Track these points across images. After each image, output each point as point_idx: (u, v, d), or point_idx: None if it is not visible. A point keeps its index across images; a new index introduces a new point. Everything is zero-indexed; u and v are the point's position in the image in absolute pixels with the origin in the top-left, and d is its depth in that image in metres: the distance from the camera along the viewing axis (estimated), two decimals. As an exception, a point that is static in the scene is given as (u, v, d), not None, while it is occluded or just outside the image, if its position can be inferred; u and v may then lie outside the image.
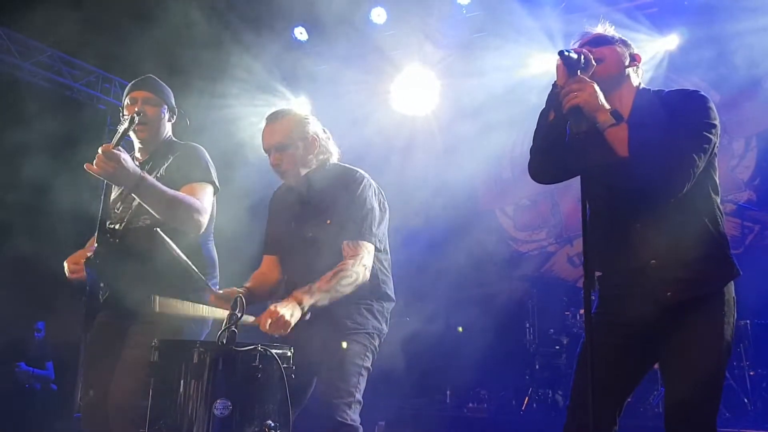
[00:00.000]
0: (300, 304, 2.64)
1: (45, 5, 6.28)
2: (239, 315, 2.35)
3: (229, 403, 2.25)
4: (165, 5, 6.52)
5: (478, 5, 7.44)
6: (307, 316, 2.67)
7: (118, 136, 2.71)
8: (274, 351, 2.37)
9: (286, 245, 3.07)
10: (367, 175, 3.04)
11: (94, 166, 2.67)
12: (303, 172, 2.99)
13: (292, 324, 2.58)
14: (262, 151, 3.06)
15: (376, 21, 7.77)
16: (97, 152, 2.67)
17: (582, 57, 2.32)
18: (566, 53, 2.30)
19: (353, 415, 2.71)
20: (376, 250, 2.93)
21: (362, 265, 2.81)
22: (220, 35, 7.06)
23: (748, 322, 5.85)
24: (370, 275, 2.86)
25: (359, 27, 7.73)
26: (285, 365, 2.39)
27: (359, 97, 8.15)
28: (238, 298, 2.41)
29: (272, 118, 3.01)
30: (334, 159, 3.11)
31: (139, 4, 6.69)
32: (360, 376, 2.80)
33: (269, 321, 2.54)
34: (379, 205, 3.01)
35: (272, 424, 2.34)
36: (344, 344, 2.81)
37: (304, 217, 2.99)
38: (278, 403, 2.38)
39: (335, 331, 2.82)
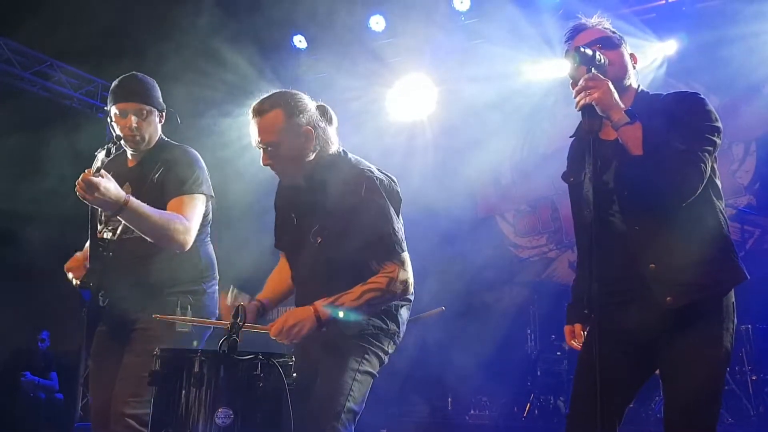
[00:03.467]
0: (318, 316, 2.48)
1: (45, 15, 6.31)
2: (241, 324, 2.35)
3: (231, 412, 2.25)
4: (165, 15, 6.55)
5: (477, 12, 7.48)
6: (323, 329, 2.50)
7: (97, 162, 2.64)
8: (275, 360, 2.37)
9: (291, 243, 2.87)
10: (368, 165, 2.75)
11: (77, 193, 2.63)
12: (298, 166, 2.68)
13: (304, 334, 2.46)
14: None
15: (375, 28, 7.80)
16: (78, 180, 2.60)
17: (597, 54, 2.28)
18: (582, 49, 2.26)
19: (343, 429, 2.51)
20: (402, 251, 2.66)
21: (399, 282, 2.59)
22: (220, 43, 7.08)
23: (749, 326, 5.84)
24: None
25: (358, 34, 7.77)
26: (286, 373, 2.39)
27: (358, 104, 8.17)
28: (240, 306, 2.40)
29: (258, 112, 2.65)
30: (334, 149, 2.75)
31: (139, 13, 6.71)
32: (355, 381, 2.57)
33: (280, 329, 2.46)
34: (390, 197, 2.70)
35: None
36: (338, 348, 2.62)
37: (306, 216, 2.75)
38: (280, 412, 2.38)
39: (332, 333, 2.59)
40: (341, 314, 2.49)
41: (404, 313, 2.81)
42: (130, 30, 6.82)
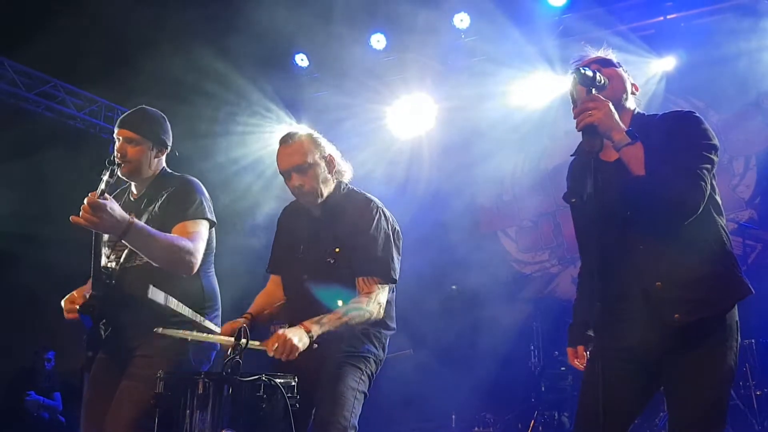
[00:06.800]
0: (309, 332, 2.62)
1: (49, 37, 6.36)
2: (244, 345, 2.36)
3: (234, 433, 2.25)
4: (167, 34, 6.61)
5: (477, 30, 7.52)
6: (314, 346, 2.64)
7: (102, 184, 2.65)
8: (278, 380, 2.37)
9: (292, 267, 3.03)
10: (380, 203, 3.02)
11: (80, 218, 2.60)
12: (324, 191, 2.96)
13: (300, 349, 2.57)
14: (265, 174, 3.06)
15: (376, 47, 7.85)
16: (83, 203, 2.61)
17: (597, 75, 2.30)
18: (582, 70, 2.28)
19: None
20: (391, 281, 2.90)
21: (377, 303, 2.81)
22: (222, 62, 7.14)
23: (753, 341, 5.82)
24: None
25: (359, 53, 7.81)
26: (289, 394, 2.40)
27: (359, 122, 8.21)
28: (242, 328, 2.42)
29: (287, 140, 2.97)
30: (348, 177, 3.10)
31: (142, 33, 6.77)
32: (356, 400, 2.76)
33: (276, 345, 2.53)
34: (393, 234, 2.97)
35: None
36: (338, 367, 2.79)
37: (315, 242, 2.96)
38: (283, 432, 2.38)
39: (330, 354, 2.79)
40: (325, 329, 2.68)
41: (387, 344, 3.02)
42: (133, 50, 6.86)
